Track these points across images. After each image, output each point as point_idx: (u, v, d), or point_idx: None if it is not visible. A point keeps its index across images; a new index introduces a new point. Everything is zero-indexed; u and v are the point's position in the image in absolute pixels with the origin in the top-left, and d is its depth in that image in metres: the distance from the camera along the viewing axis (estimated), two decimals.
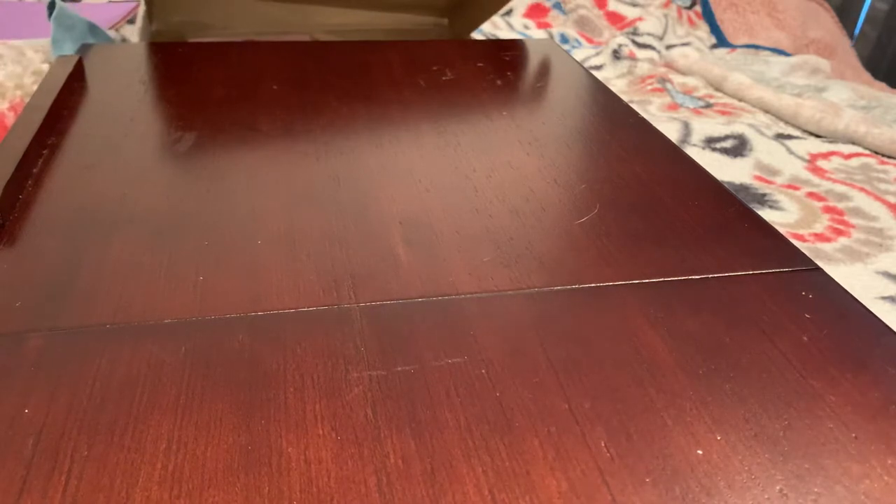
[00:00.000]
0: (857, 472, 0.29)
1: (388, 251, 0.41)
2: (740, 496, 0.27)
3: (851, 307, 0.38)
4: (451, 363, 0.33)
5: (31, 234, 0.41)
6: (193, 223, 0.43)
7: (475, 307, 0.37)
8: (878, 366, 0.34)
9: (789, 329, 0.36)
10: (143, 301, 0.36)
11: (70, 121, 0.54)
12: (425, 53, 0.72)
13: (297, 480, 0.27)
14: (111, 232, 0.41)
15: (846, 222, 0.79)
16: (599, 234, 0.43)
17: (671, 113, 1.12)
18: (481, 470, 0.28)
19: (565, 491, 0.27)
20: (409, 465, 0.28)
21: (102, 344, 0.33)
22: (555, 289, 0.38)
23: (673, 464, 0.29)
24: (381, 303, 0.37)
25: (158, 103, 0.58)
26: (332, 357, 0.33)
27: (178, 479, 0.27)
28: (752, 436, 0.30)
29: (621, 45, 1.48)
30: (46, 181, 0.46)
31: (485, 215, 0.44)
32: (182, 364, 0.32)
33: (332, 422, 0.30)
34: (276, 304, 0.36)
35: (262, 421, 0.30)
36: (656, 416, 0.31)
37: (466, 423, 0.30)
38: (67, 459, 0.28)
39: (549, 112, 0.61)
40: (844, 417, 0.31)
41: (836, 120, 1.04)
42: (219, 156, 0.50)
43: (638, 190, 0.48)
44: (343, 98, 0.61)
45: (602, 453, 0.29)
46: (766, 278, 0.40)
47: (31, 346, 0.33)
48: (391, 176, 0.49)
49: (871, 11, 1.95)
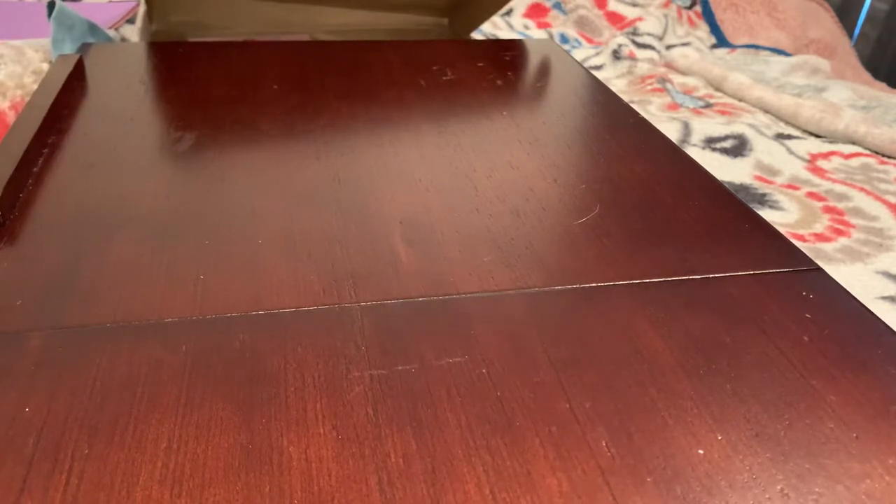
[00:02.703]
0: (858, 472, 0.29)
1: (389, 251, 0.41)
2: (741, 496, 0.27)
3: (852, 307, 0.38)
4: (451, 362, 0.33)
5: (31, 234, 0.41)
6: (194, 223, 0.42)
7: (476, 307, 0.37)
8: (878, 366, 0.34)
9: (790, 329, 0.36)
10: (144, 300, 0.36)
11: (70, 120, 0.54)
12: (425, 53, 0.72)
13: (297, 479, 0.27)
14: (112, 231, 0.41)
15: (846, 222, 0.79)
16: (600, 233, 0.43)
17: (671, 113, 1.12)
18: (482, 469, 0.28)
19: (566, 490, 0.27)
20: (409, 465, 0.28)
21: (103, 343, 0.33)
22: (555, 288, 0.38)
23: (674, 463, 0.29)
24: (382, 302, 0.37)
25: (158, 103, 0.58)
26: (333, 356, 0.33)
27: (179, 478, 0.27)
28: (753, 435, 0.30)
29: (621, 45, 1.48)
30: (47, 180, 0.46)
31: (485, 215, 0.44)
32: (182, 363, 0.32)
33: (333, 421, 0.30)
34: (277, 304, 0.36)
35: (262, 420, 0.30)
36: (657, 416, 0.31)
37: (467, 423, 0.30)
38: (68, 458, 0.28)
39: (550, 112, 0.61)
40: (845, 417, 0.31)
41: (836, 120, 1.04)
42: (219, 156, 0.50)
43: (638, 190, 0.48)
44: (343, 98, 0.61)
45: (603, 453, 0.29)
46: (767, 278, 0.40)
47: (31, 345, 0.33)
48: (392, 176, 0.49)
49: (871, 11, 1.95)
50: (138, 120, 0.55)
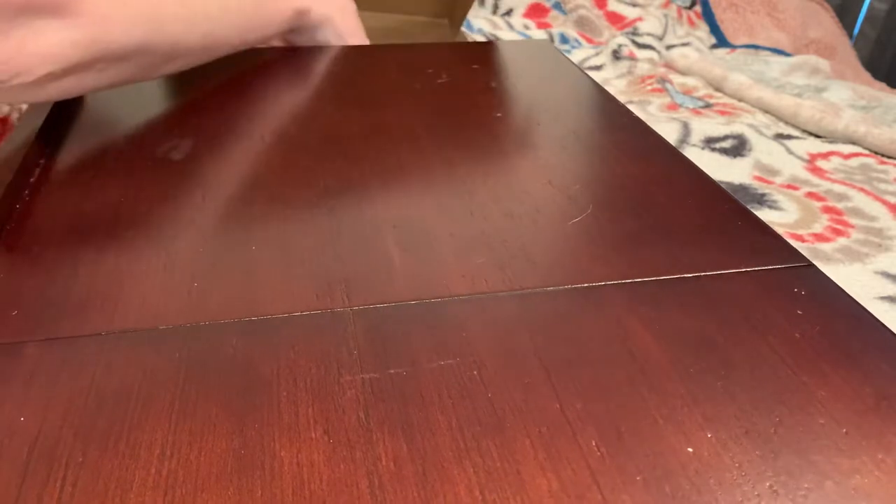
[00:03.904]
0: (847, 468, 0.29)
1: (382, 255, 0.41)
2: (730, 493, 0.28)
3: (844, 303, 0.38)
4: (443, 365, 0.33)
5: (27, 243, 0.41)
6: (188, 229, 0.43)
7: (468, 309, 0.37)
8: (869, 361, 0.34)
9: (781, 325, 0.36)
10: (139, 308, 0.37)
11: (67, 127, 0.55)
12: (420, 56, 0.72)
13: (289, 484, 0.27)
14: (107, 239, 0.42)
15: (845, 222, 0.79)
16: (593, 234, 0.43)
17: (671, 113, 1.12)
18: (472, 471, 0.28)
19: (556, 490, 0.27)
20: (400, 467, 0.28)
21: (98, 351, 0.34)
22: (548, 289, 0.38)
23: (663, 462, 0.29)
24: (375, 306, 0.37)
25: (155, 109, 0.59)
26: (326, 361, 0.33)
27: (172, 484, 0.27)
28: (743, 433, 0.30)
29: (621, 46, 1.48)
30: (43, 189, 0.47)
31: (479, 217, 0.45)
32: (176, 370, 0.33)
33: (325, 425, 0.30)
34: (270, 310, 0.36)
35: (255, 425, 0.30)
36: (647, 415, 0.31)
37: (458, 425, 0.30)
38: (62, 467, 0.28)
39: (544, 113, 0.61)
40: (836, 413, 0.31)
41: (836, 120, 1.04)
42: (214, 162, 0.50)
43: (632, 189, 0.49)
44: (337, 102, 0.61)
45: (593, 452, 0.29)
46: (759, 275, 0.40)
47: (27, 354, 0.33)
48: (385, 179, 0.49)
49: (870, 11, 1.94)
50: (135, 126, 0.56)
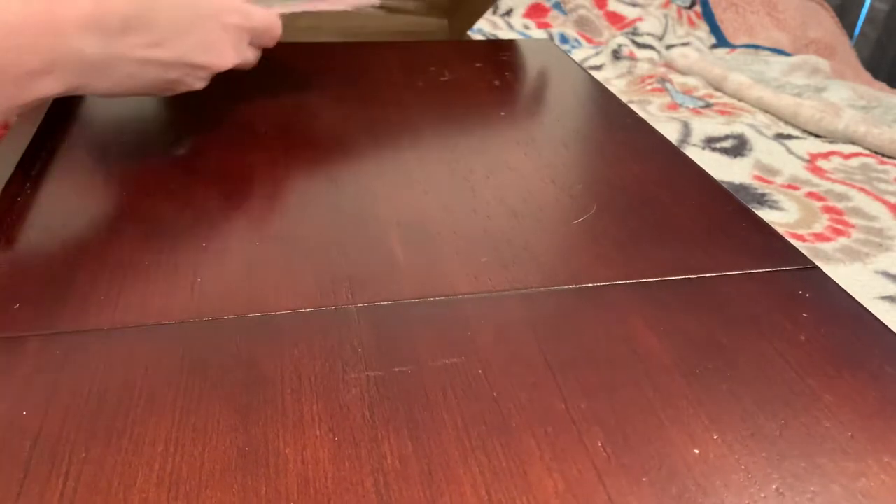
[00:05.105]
0: (853, 471, 0.29)
1: (386, 252, 0.41)
2: (737, 495, 0.27)
3: (849, 306, 0.38)
4: (448, 363, 0.33)
5: (29, 237, 0.41)
6: (191, 225, 0.43)
7: (473, 308, 0.37)
8: (875, 365, 0.34)
9: (786, 328, 0.36)
10: (141, 303, 0.36)
11: (68, 122, 0.54)
12: (423, 54, 0.72)
13: (294, 481, 0.27)
14: (109, 234, 0.42)
15: (846, 222, 0.79)
16: (596, 234, 0.43)
17: (671, 113, 1.12)
18: (478, 470, 0.28)
19: (562, 491, 0.27)
20: (406, 466, 0.28)
21: (100, 346, 0.33)
22: (552, 289, 0.38)
23: (669, 463, 0.29)
24: (379, 304, 0.37)
25: (156, 105, 0.58)
26: (330, 358, 0.33)
27: (176, 480, 0.27)
28: (749, 435, 0.30)
29: (621, 45, 1.48)
30: (44, 183, 0.46)
31: (483, 216, 0.45)
32: (180, 366, 0.32)
33: (330, 423, 0.30)
34: (274, 306, 0.36)
35: (259, 422, 0.30)
36: (653, 416, 0.31)
37: (463, 424, 0.30)
38: (65, 462, 0.28)
39: (547, 112, 0.61)
40: (841, 416, 0.31)
41: (836, 120, 1.04)
42: (216, 158, 0.50)
43: (635, 189, 0.48)
44: (341, 99, 0.61)
45: (599, 453, 0.29)
46: (764, 277, 0.40)
47: (29, 348, 0.33)
48: (389, 177, 0.49)
49: (871, 11, 1.94)
50: (135, 123, 0.56)
